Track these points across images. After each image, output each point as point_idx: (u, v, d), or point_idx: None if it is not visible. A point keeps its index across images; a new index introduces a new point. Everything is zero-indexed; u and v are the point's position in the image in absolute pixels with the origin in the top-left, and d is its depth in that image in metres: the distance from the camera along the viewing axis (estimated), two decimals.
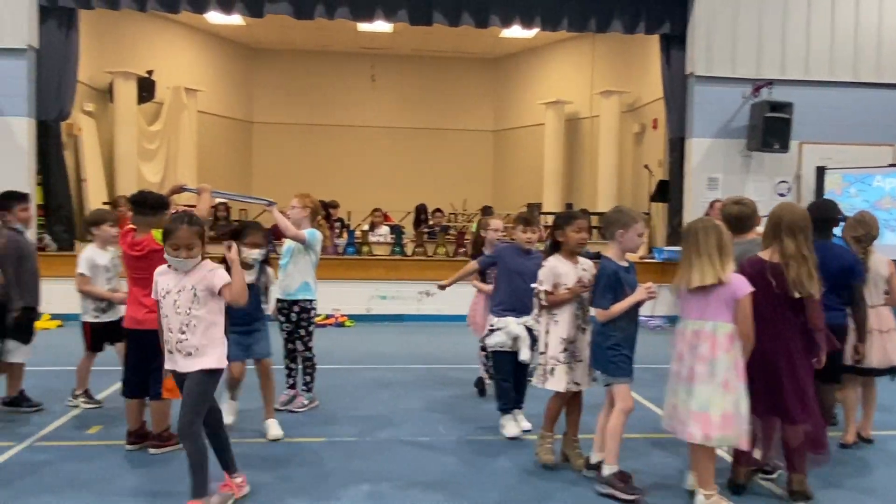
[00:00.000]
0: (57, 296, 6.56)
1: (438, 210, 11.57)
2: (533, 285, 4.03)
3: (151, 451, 4.23)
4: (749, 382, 3.46)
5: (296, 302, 5.04)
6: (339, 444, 4.45)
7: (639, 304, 3.71)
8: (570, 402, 4.09)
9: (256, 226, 4.67)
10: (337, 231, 10.14)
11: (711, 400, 3.36)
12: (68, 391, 5.17)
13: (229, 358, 4.22)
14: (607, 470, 3.67)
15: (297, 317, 5.05)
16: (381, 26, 11.19)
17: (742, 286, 3.43)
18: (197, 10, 9.34)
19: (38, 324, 5.18)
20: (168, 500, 3.56)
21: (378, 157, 15.53)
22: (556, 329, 3.96)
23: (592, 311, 3.88)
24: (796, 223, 3.61)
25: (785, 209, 3.71)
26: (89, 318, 4.98)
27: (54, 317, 8.16)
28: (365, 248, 9.57)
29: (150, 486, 3.73)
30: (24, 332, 4.91)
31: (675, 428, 3.51)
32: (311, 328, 5.13)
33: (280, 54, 15.41)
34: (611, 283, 3.68)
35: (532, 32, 11.66)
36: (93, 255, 4.93)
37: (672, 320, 8.56)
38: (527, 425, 4.60)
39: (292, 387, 5.23)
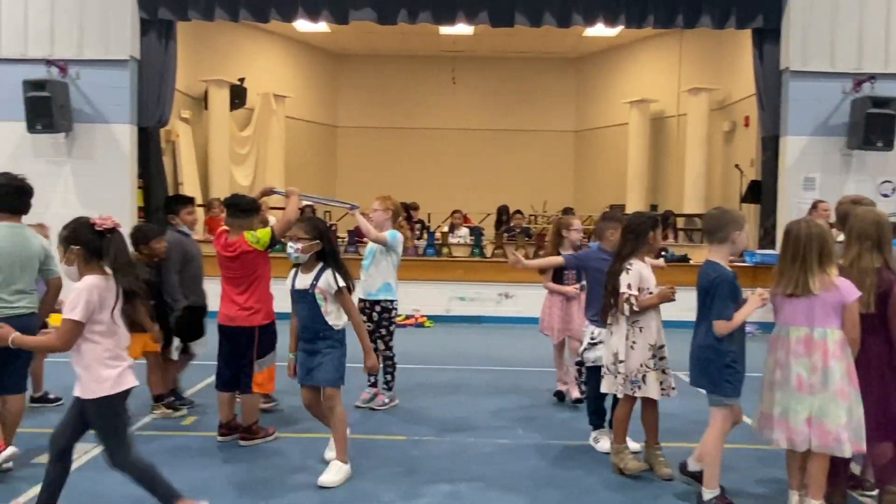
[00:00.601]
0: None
1: (518, 212, 11.52)
2: (622, 290, 3.89)
3: (241, 442, 4.41)
4: None
5: (377, 302, 5.14)
6: (418, 443, 4.51)
7: None
8: (646, 408, 4.00)
9: (305, 219, 4.05)
10: (417, 232, 10.25)
11: (826, 409, 3.20)
12: None
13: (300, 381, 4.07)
14: (708, 495, 3.49)
15: (379, 316, 5.15)
16: (462, 29, 11.24)
17: (850, 291, 3.25)
18: (285, 19, 9.66)
19: None
20: (255, 490, 3.71)
21: (459, 158, 15.60)
22: (643, 336, 3.87)
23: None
24: (864, 231, 3.42)
25: (857, 215, 3.52)
26: None
27: None
28: (444, 250, 9.64)
29: (239, 476, 3.88)
30: (187, 330, 5.06)
31: (777, 437, 3.33)
32: (391, 328, 5.22)
33: (363, 59, 15.73)
34: (731, 291, 3.43)
35: (616, 31, 11.43)
36: None
37: (764, 327, 8.19)
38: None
39: (373, 385, 5.34)
